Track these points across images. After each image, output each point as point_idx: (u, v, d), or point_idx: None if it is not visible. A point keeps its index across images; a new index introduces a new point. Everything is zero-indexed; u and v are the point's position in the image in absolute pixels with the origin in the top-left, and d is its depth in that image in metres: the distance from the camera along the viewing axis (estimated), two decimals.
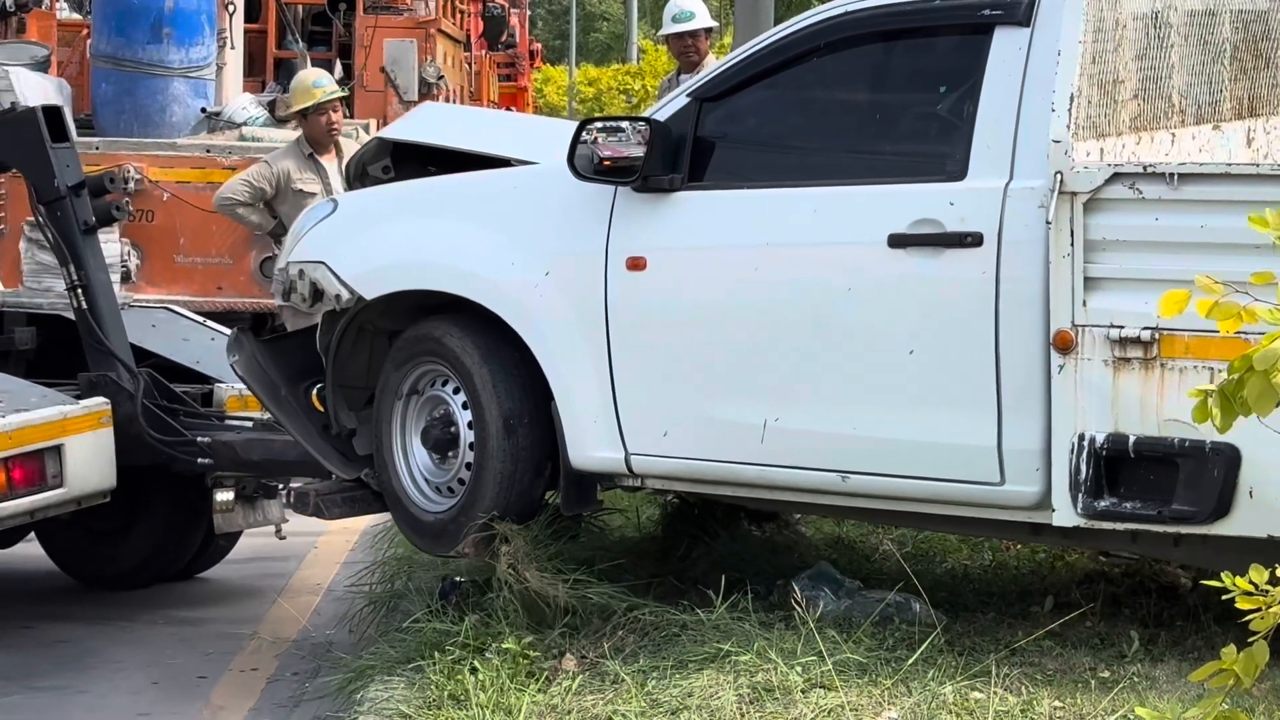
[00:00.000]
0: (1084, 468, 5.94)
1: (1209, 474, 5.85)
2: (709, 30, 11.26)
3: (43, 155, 8.17)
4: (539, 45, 27.90)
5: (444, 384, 7.06)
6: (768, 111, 6.85)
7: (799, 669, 5.72)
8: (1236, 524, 5.86)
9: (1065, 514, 5.96)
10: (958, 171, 6.18)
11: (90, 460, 7.92)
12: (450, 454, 7.03)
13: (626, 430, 6.71)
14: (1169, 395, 5.90)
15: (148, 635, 8.10)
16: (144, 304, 9.08)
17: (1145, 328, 5.82)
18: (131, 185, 11.22)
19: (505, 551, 6.88)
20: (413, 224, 7.25)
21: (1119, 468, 5.98)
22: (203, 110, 12.60)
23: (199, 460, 8.01)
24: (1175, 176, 5.89)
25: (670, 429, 6.67)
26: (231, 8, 12.70)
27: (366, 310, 7.15)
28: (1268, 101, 7.40)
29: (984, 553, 7.29)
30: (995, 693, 5.49)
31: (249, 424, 7.96)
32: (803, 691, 5.59)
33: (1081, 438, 5.94)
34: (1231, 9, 7.18)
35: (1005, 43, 6.14)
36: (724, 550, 7.21)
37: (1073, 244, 5.93)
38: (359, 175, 7.74)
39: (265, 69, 14.07)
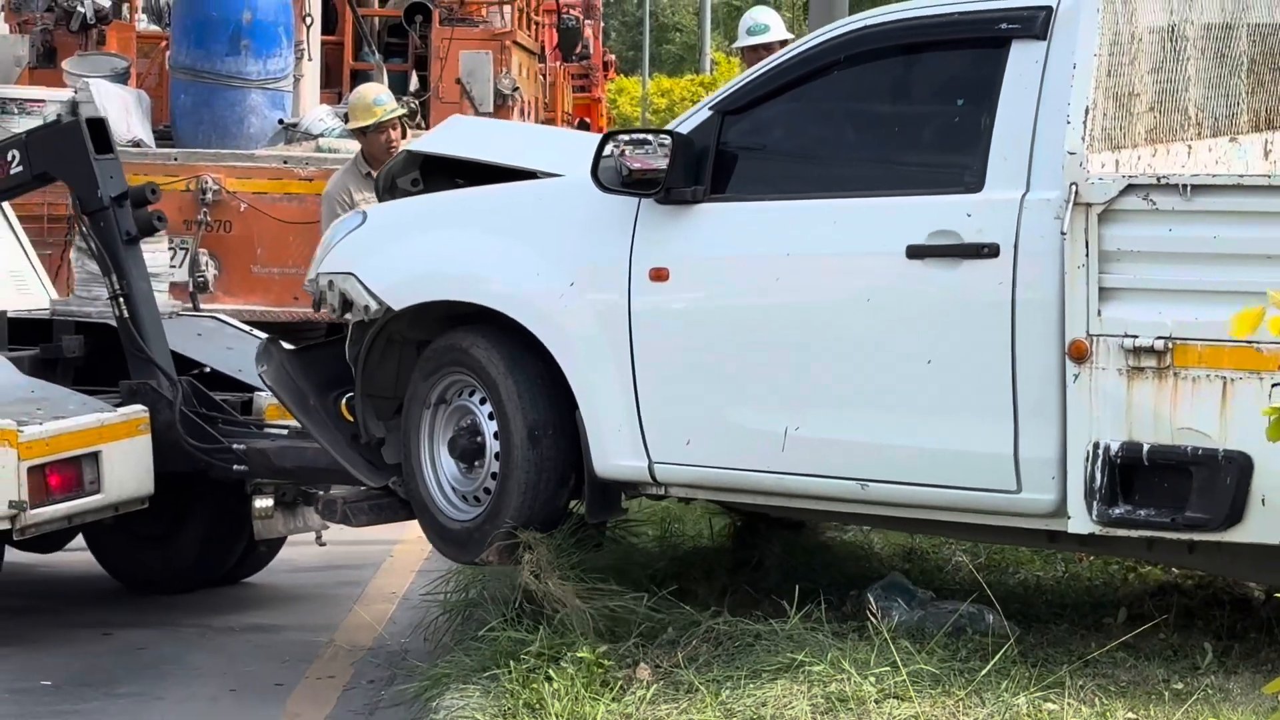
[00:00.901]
0: (1099, 476, 5.93)
1: (1222, 482, 5.83)
2: (784, 43, 11.24)
3: (87, 167, 8.24)
4: (613, 56, 27.97)
5: (471, 394, 7.06)
6: (789, 124, 6.85)
7: (872, 679, 5.71)
8: (1249, 531, 5.84)
9: (1081, 521, 5.97)
10: (975, 183, 6.18)
11: (128, 467, 7.96)
12: (477, 463, 7.06)
13: (650, 439, 6.71)
14: (1182, 404, 5.92)
15: (225, 642, 8.15)
16: (199, 314, 9.11)
17: (1159, 337, 5.81)
18: (209, 196, 11.32)
19: (528, 560, 6.91)
20: (440, 236, 7.28)
21: (1133, 476, 5.96)
22: (280, 121, 12.65)
23: (234, 467, 8.00)
24: (1188, 188, 5.90)
25: (693, 438, 6.67)
26: (309, 20, 12.74)
27: (395, 321, 7.17)
28: None
29: (1056, 564, 7.27)
30: (1069, 704, 5.48)
31: (284, 432, 8.00)
32: (876, 702, 5.59)
33: (1096, 446, 5.93)
34: (1249, 23, 7.15)
35: (1022, 56, 6.16)
36: (797, 561, 7.22)
37: (1087, 254, 5.93)
38: (388, 188, 7.74)
39: (342, 81, 14.11)
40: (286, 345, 7.96)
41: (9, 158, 8.50)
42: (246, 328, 8.79)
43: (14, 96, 12.44)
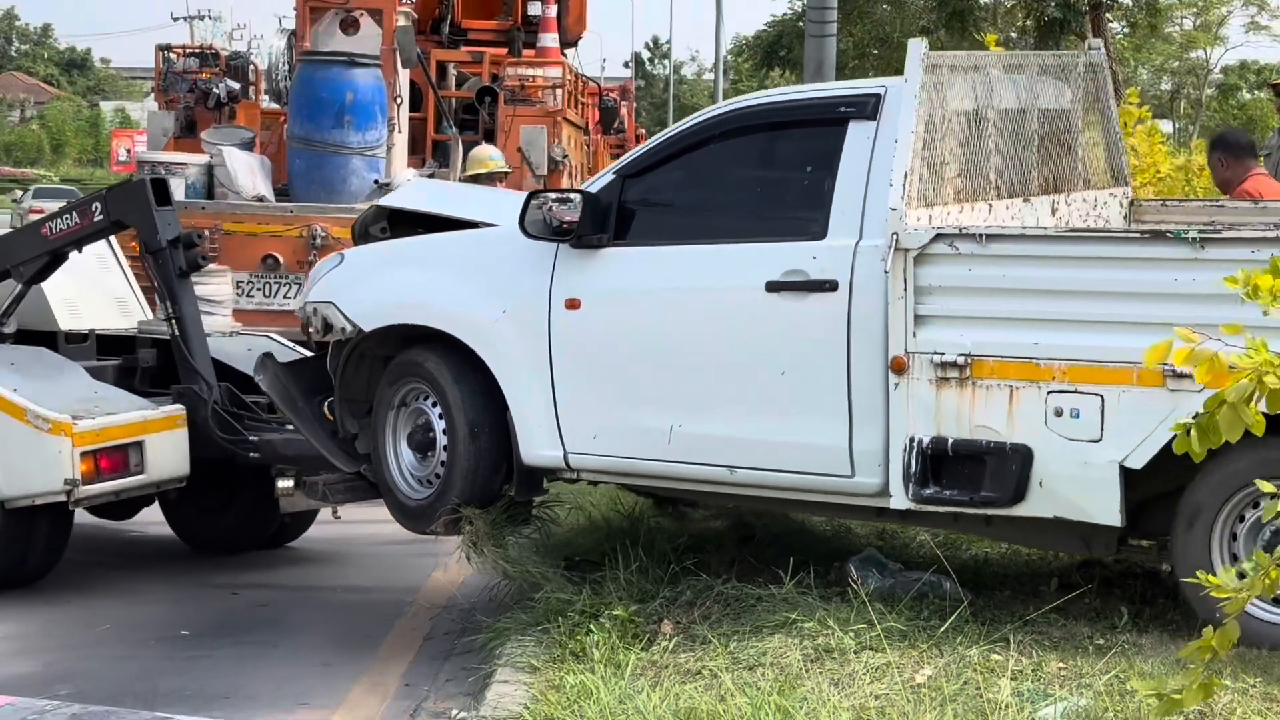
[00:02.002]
0: (914, 463, 6.16)
1: (1009, 468, 6.05)
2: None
3: (149, 216, 8.37)
4: (643, 131, 28.07)
5: (425, 399, 7.15)
6: (675, 185, 6.99)
7: (852, 635, 5.81)
8: (1030, 507, 6.06)
9: (900, 499, 6.18)
10: (820, 232, 6.36)
11: (167, 453, 8.08)
12: (429, 453, 7.15)
13: (565, 435, 6.84)
14: (978, 407, 6.18)
15: (329, 601, 8.21)
16: (254, 334, 9.19)
17: (961, 354, 6.06)
18: (318, 241, 11.39)
19: (468, 531, 7.07)
20: (401, 273, 7.37)
21: (941, 463, 6.18)
22: (375, 181, 12.46)
23: (251, 455, 8.13)
24: (984, 237, 6.17)
25: (598, 433, 6.80)
26: (399, 100, 12.71)
27: (366, 340, 7.25)
28: (1068, 180, 7.48)
29: (1001, 543, 7.18)
30: (1011, 655, 5.56)
31: (291, 428, 7.97)
32: (855, 653, 5.69)
33: (912, 440, 6.14)
34: (1039, 108, 7.31)
35: (857, 133, 6.39)
36: (791, 539, 7.23)
37: (905, 289, 6.12)
38: (362, 235, 7.88)
39: (425, 149, 14.08)
40: (281, 359, 8.00)
41: (93, 208, 8.62)
42: (292, 344, 8.86)
43: (162, 160, 12.62)
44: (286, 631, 7.62)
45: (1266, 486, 4.09)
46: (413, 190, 8.81)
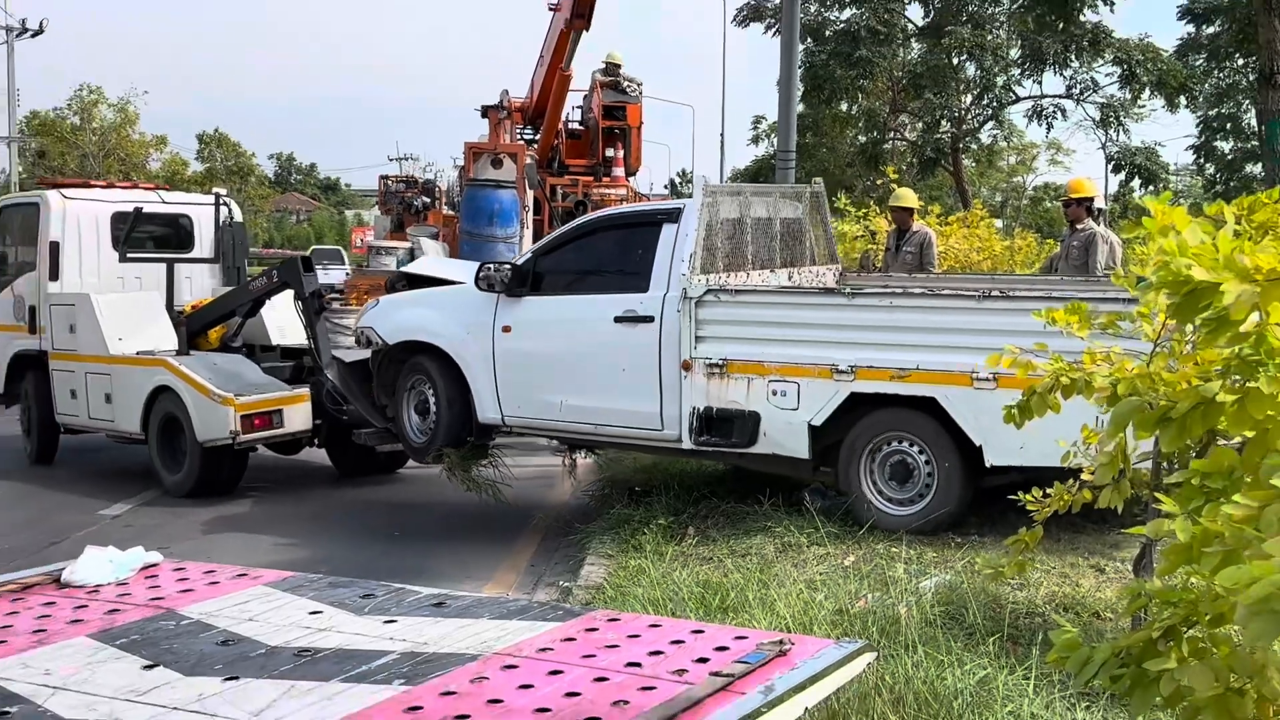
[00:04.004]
0: (694, 422, 6.63)
1: (747, 425, 6.57)
2: None
3: (300, 280, 8.84)
4: None
5: (425, 385, 7.52)
6: (566, 260, 7.19)
7: (805, 536, 6.05)
8: (760, 447, 6.55)
9: (687, 443, 6.64)
10: (645, 287, 6.72)
11: (297, 416, 8.72)
12: (426, 416, 7.57)
13: (503, 405, 7.26)
14: (729, 389, 6.66)
15: (482, 516, 8.03)
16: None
17: (721, 359, 6.64)
18: None
19: (447, 457, 7.50)
20: (411, 310, 7.65)
21: (709, 422, 6.63)
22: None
23: (344, 418, 8.58)
24: (734, 291, 6.56)
25: (520, 405, 7.18)
26: (527, 208, 13.54)
27: (391, 349, 7.59)
28: (800, 259, 7.79)
29: None
30: (903, 548, 5.81)
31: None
32: (807, 546, 5.93)
33: (694, 410, 6.65)
34: (780, 217, 7.57)
35: (667, 231, 6.77)
36: (767, 479, 7.25)
37: (692, 321, 6.59)
38: (390, 288, 8.32)
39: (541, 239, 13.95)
40: (345, 359, 8.18)
41: (272, 274, 9.25)
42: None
43: (383, 245, 13.71)
44: (455, 535, 7.58)
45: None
46: (421, 262, 9.25)
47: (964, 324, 5.94)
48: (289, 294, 9.22)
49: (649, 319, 6.69)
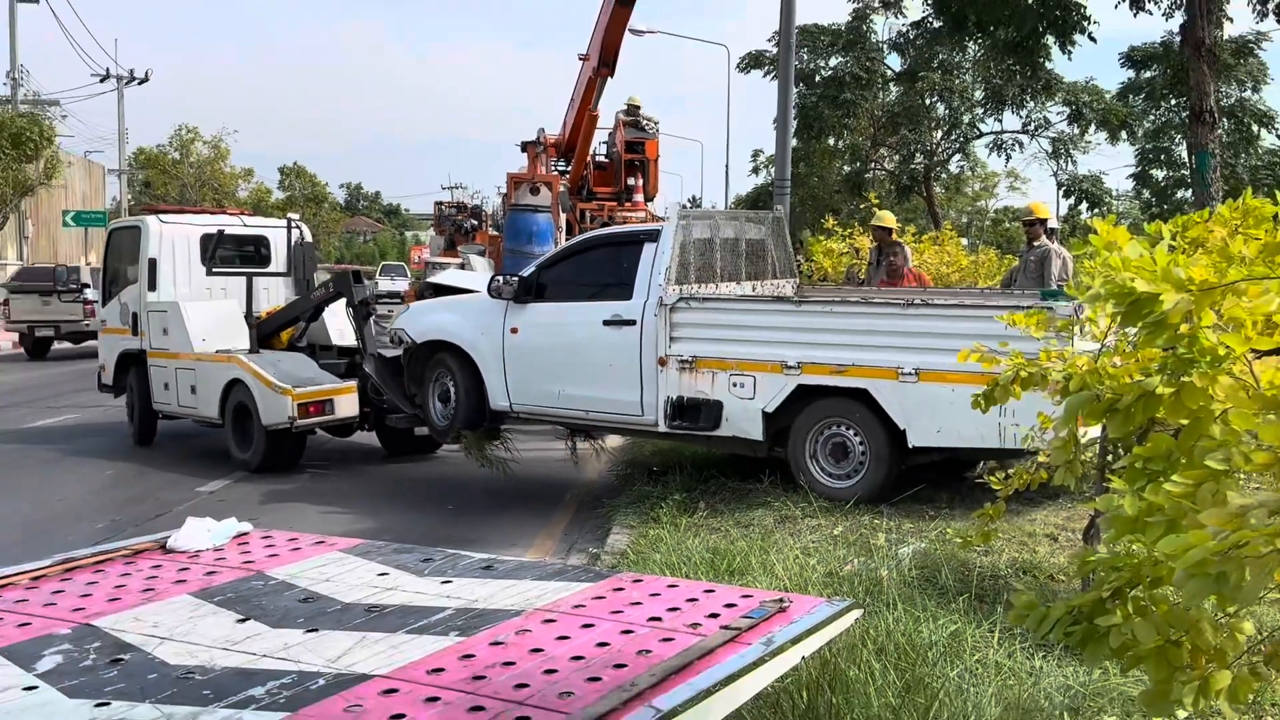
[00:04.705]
0: (670, 409, 6.69)
1: (713, 411, 6.63)
2: None
3: (350, 290, 9.02)
4: None
5: (447, 377, 7.56)
6: (565, 273, 7.19)
7: (801, 507, 6.02)
8: (723, 430, 6.60)
9: (663, 427, 6.70)
10: (629, 295, 6.77)
11: (345, 405, 8.75)
12: (448, 404, 7.61)
13: (511, 394, 7.29)
14: (698, 381, 6.74)
15: (523, 493, 7.72)
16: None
17: (691, 356, 6.66)
18: None
19: (465, 438, 7.59)
20: (436, 315, 7.70)
21: (681, 409, 6.67)
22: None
23: (384, 406, 8.57)
24: (704, 299, 6.64)
25: (526, 394, 7.20)
26: (561, 230, 13.33)
27: (419, 348, 7.64)
28: (762, 274, 7.77)
29: None
30: (884, 520, 5.79)
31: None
32: (801, 519, 5.90)
33: (669, 399, 6.69)
34: (745, 238, 7.57)
35: (648, 249, 6.81)
36: (765, 462, 7.06)
37: (667, 324, 6.65)
38: (418, 296, 8.35)
39: None
40: (384, 355, 8.22)
41: (329, 285, 9.38)
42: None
43: (437, 261, 13.56)
44: (499, 509, 7.48)
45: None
46: (444, 274, 9.36)
47: (892, 328, 6.04)
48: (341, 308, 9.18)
49: (632, 322, 6.72)
